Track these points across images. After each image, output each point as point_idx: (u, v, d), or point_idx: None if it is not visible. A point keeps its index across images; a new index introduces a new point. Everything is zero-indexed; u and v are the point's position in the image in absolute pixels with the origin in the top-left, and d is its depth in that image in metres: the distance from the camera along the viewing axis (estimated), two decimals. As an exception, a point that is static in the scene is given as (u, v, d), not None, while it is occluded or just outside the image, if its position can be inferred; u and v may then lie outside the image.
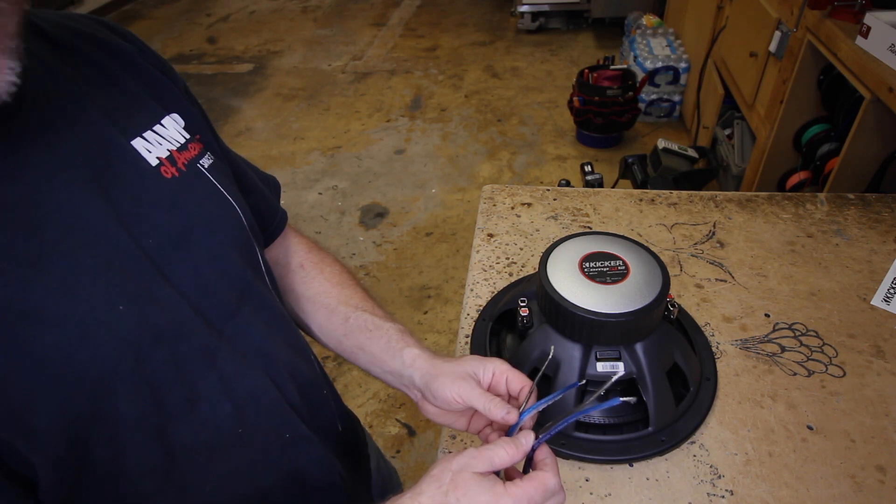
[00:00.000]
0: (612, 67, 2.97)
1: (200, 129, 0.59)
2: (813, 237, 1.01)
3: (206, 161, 0.57)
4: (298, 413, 0.60)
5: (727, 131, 2.42)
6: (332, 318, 0.69)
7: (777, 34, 1.84)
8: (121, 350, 0.44)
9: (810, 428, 0.71)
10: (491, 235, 1.04)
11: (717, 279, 0.93)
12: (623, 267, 0.70)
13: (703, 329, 0.84)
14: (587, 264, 0.71)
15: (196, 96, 0.70)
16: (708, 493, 0.65)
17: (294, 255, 0.73)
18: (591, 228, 1.04)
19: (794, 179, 1.84)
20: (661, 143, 2.47)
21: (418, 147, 3.17)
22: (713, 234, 1.02)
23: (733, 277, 0.93)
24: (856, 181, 1.49)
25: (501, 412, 0.55)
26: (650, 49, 3.16)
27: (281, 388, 0.58)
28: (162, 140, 0.53)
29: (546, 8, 4.28)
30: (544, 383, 0.71)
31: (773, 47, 1.87)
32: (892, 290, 0.86)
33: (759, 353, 0.81)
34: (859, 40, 1.38)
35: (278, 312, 0.61)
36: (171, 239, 0.50)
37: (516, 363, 0.72)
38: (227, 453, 0.53)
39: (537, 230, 1.04)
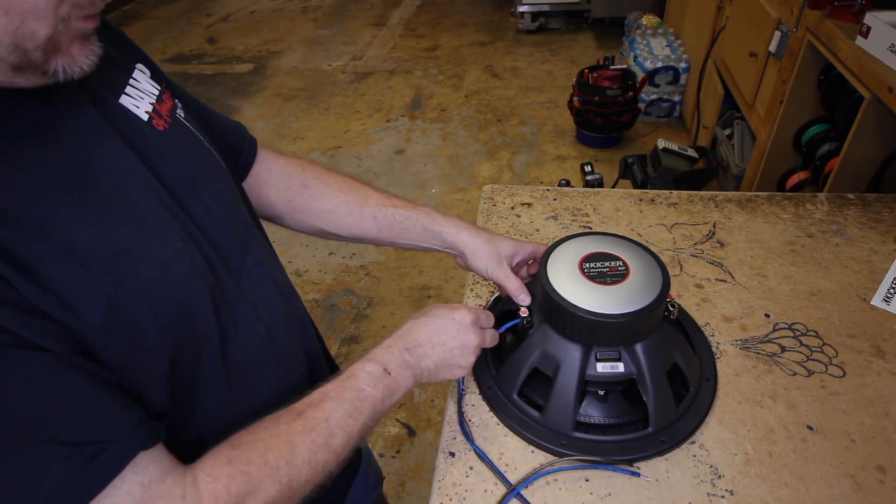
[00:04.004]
0: (612, 67, 2.97)
1: (162, 76, 0.62)
2: (813, 237, 1.01)
3: (181, 112, 0.60)
4: (306, 328, 0.69)
5: (727, 131, 2.42)
6: (361, 222, 0.77)
7: (777, 34, 1.84)
8: (192, 280, 0.51)
9: (810, 428, 0.71)
10: (491, 235, 1.04)
11: (717, 279, 0.93)
12: (623, 267, 0.70)
13: (703, 329, 0.84)
14: (587, 265, 0.71)
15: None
16: (708, 493, 0.65)
17: (292, 177, 0.78)
18: (591, 228, 1.04)
19: (794, 179, 1.84)
20: (661, 143, 2.47)
21: (418, 147, 3.17)
22: (713, 234, 1.02)
23: (733, 277, 0.93)
24: (856, 181, 1.49)
25: (521, 295, 0.74)
26: (650, 49, 3.16)
27: (292, 307, 0.67)
28: (142, 94, 0.56)
29: (546, 8, 4.28)
30: (542, 380, 0.71)
31: (773, 47, 1.87)
32: (892, 290, 0.86)
33: (759, 353, 0.81)
34: (859, 40, 1.38)
35: (267, 241, 0.68)
36: (184, 185, 0.55)
37: (516, 364, 0.73)
38: (267, 371, 0.61)
39: (537, 230, 1.04)
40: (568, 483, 0.66)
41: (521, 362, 0.72)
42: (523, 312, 0.73)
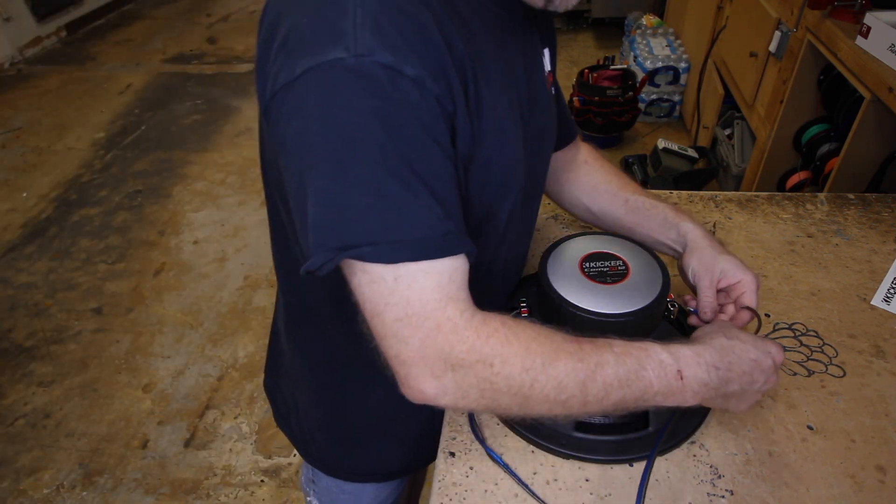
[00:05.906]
0: (612, 67, 2.97)
1: (554, 64, 0.76)
2: (813, 237, 1.01)
3: (553, 88, 0.75)
4: (519, 272, 0.82)
5: (727, 131, 2.42)
6: (614, 202, 0.85)
7: (777, 34, 1.84)
8: (517, 190, 0.65)
9: (810, 428, 0.71)
10: (491, 235, 1.04)
11: (717, 279, 0.93)
12: (623, 267, 0.70)
13: (703, 329, 0.84)
14: (587, 264, 0.71)
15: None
16: (708, 493, 0.65)
17: (580, 153, 0.89)
18: (591, 228, 1.04)
19: (794, 179, 1.84)
20: (661, 143, 2.47)
21: (418, 147, 3.17)
22: (713, 233, 1.02)
23: (733, 277, 0.93)
24: (856, 181, 1.49)
25: (707, 312, 0.72)
26: (650, 49, 3.16)
27: (523, 252, 0.82)
28: (545, 63, 0.71)
29: (546, 8, 4.27)
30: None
31: (773, 47, 1.87)
32: (892, 290, 0.86)
33: (759, 353, 0.81)
34: (859, 40, 1.39)
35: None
36: (539, 133, 0.68)
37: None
38: (495, 283, 0.75)
39: (537, 230, 1.04)
40: (568, 483, 0.66)
41: (521, 362, 0.72)
42: (524, 312, 0.73)
